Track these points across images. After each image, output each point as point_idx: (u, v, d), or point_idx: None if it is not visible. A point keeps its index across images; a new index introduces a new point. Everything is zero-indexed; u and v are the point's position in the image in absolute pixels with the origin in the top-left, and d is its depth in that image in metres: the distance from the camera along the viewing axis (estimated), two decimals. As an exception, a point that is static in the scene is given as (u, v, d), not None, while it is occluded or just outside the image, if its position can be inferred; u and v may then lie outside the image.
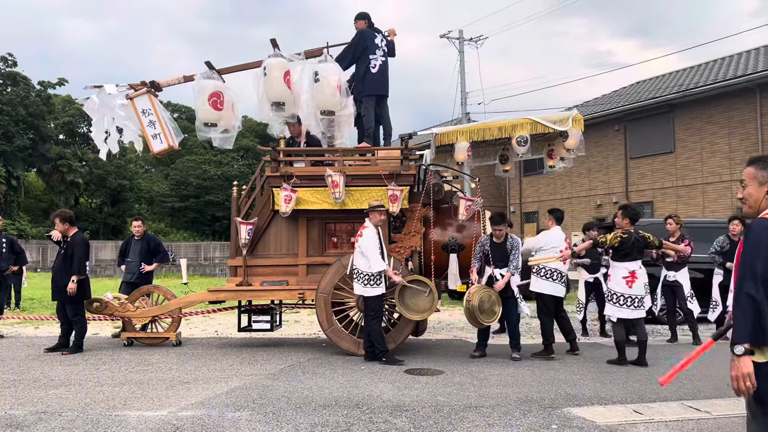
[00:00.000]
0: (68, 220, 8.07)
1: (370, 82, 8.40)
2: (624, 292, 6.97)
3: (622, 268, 7.01)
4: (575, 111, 8.13)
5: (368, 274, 6.99)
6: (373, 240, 7.03)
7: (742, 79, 18.29)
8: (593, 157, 22.77)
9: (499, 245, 7.37)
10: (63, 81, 42.34)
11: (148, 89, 7.07)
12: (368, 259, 6.97)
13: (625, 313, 6.98)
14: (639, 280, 6.97)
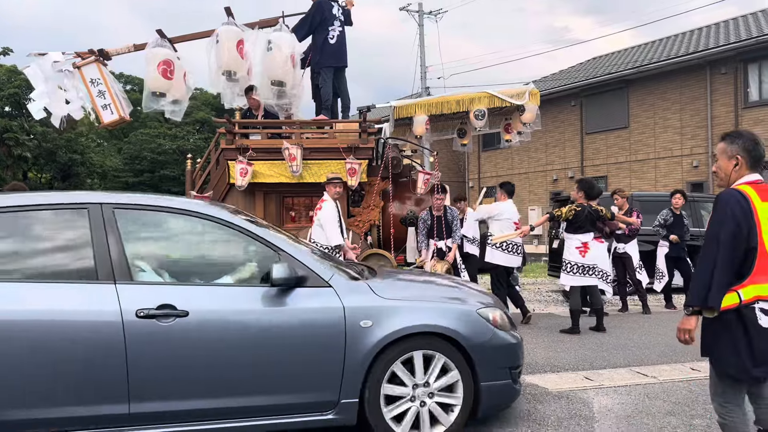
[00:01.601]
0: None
1: (328, 53, 8.29)
2: (577, 261, 7.21)
3: (575, 239, 7.27)
4: (532, 86, 8.21)
5: (326, 248, 6.96)
6: (332, 213, 6.96)
7: (694, 56, 18.72)
8: (550, 133, 23.08)
9: (440, 218, 7.47)
10: (7, 50, 40.47)
11: (97, 58, 6.81)
12: (326, 232, 6.91)
13: (577, 281, 7.25)
14: (591, 250, 7.21)
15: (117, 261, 3.28)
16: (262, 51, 7.23)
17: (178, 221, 3.64)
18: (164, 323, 3.19)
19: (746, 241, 2.74)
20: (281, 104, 7.54)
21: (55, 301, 3.15)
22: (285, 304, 3.40)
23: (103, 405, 3.13)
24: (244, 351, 3.30)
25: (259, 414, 3.33)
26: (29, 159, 40.92)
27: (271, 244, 3.54)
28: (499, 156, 26.22)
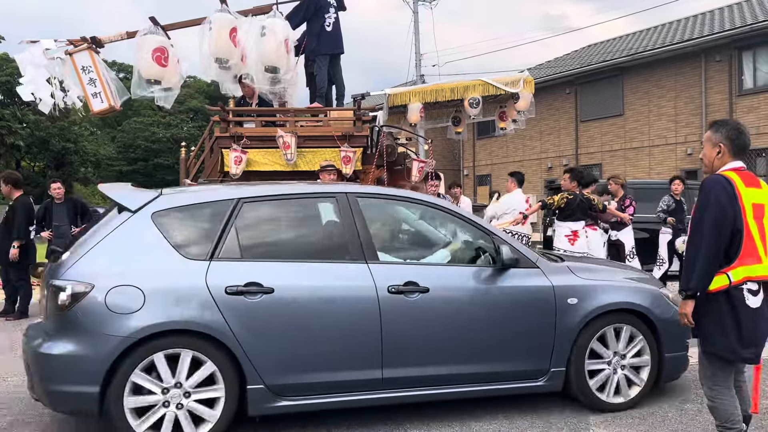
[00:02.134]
0: (11, 182, 7.76)
1: (324, 40, 8.24)
2: (566, 248, 7.21)
3: (565, 227, 7.31)
4: (526, 73, 8.20)
5: None
6: None
7: (688, 43, 18.70)
8: (545, 120, 23.07)
9: None
10: (-1, 38, 40.17)
11: (89, 45, 6.75)
12: None
13: None
14: (581, 239, 7.25)
15: (365, 243, 3.72)
16: (256, 37, 7.17)
17: (409, 209, 4.24)
18: (410, 298, 3.63)
19: (732, 224, 2.83)
20: (275, 91, 7.49)
21: (322, 278, 3.58)
22: (506, 282, 3.87)
23: (362, 370, 3.58)
24: (474, 324, 3.76)
25: (484, 381, 3.82)
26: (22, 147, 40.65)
27: (487, 230, 4.07)
28: (493, 144, 26.20)
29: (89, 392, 3.17)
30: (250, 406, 3.43)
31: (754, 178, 2.99)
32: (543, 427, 3.73)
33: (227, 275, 3.42)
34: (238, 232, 3.56)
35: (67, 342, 3.22)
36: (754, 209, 2.88)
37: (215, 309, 3.33)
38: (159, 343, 3.26)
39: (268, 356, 3.41)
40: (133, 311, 3.23)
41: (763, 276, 2.87)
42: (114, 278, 3.28)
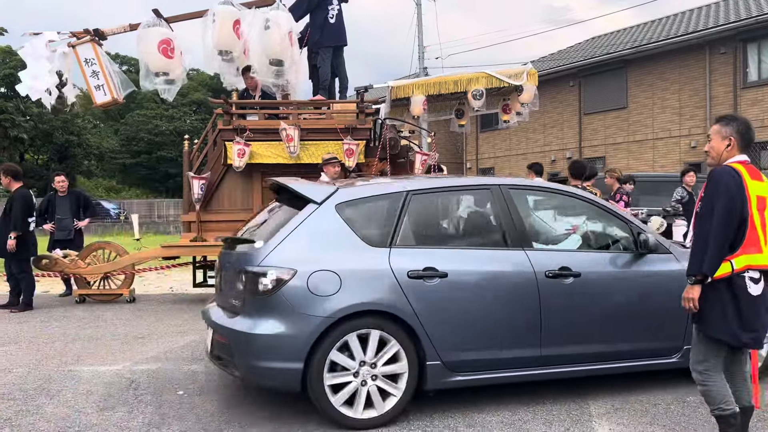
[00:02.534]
0: (10, 174, 7.77)
1: (328, 32, 8.23)
2: None
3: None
4: (530, 65, 8.18)
5: None
6: None
7: (693, 35, 18.60)
8: (548, 113, 23.00)
9: None
10: (2, 31, 40.17)
11: (92, 38, 6.77)
12: None
13: None
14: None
15: (521, 231, 4.04)
16: (260, 30, 7.16)
17: (555, 199, 4.58)
18: (565, 282, 3.92)
19: (740, 213, 2.95)
20: (279, 84, 7.49)
21: (487, 264, 3.89)
22: (646, 267, 4.16)
23: (524, 348, 3.86)
24: (619, 306, 4.05)
25: (627, 358, 4.10)
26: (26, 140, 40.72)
27: (625, 219, 4.35)
28: (497, 137, 26.14)
29: (294, 368, 3.49)
30: (429, 381, 3.73)
31: (757, 171, 3.10)
32: (545, 418, 3.74)
33: (406, 261, 3.74)
34: (410, 222, 3.91)
35: (272, 323, 3.53)
36: (758, 201, 3.00)
37: (400, 292, 3.65)
38: (353, 324, 3.57)
39: (444, 335, 3.72)
40: (331, 294, 3.54)
41: (764, 265, 2.99)
42: (313, 264, 3.60)
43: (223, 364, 3.87)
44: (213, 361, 4.08)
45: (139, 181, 45.94)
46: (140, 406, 3.98)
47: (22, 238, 7.62)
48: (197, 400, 4.11)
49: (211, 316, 4.00)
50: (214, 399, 4.12)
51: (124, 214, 33.23)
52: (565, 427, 3.60)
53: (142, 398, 4.15)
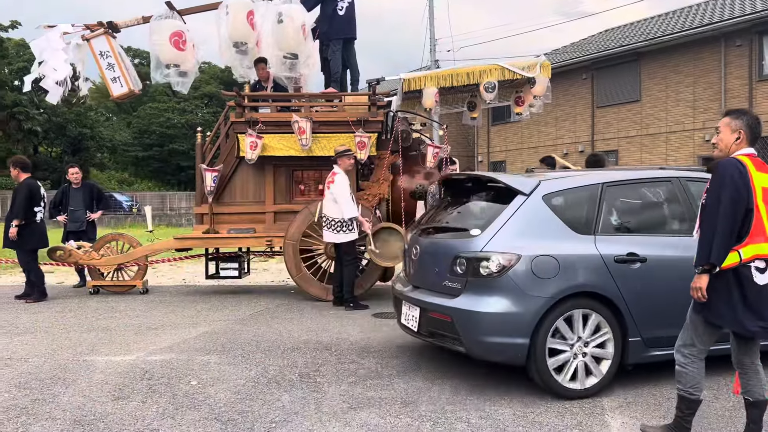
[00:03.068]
0: (18, 165, 7.84)
1: (337, 24, 8.22)
2: None
3: None
4: (543, 58, 8.11)
5: (340, 221, 6.94)
6: (346, 186, 6.95)
7: (708, 28, 18.39)
8: (560, 106, 22.85)
9: None
10: (16, 24, 40.35)
11: (106, 30, 6.79)
12: (340, 205, 6.90)
13: None
14: None
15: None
16: (273, 23, 7.16)
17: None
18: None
19: (746, 204, 3.03)
20: (293, 76, 7.49)
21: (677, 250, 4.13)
22: None
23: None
24: None
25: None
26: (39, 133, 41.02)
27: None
28: (508, 130, 26.02)
29: (520, 343, 3.89)
30: (630, 355, 4.11)
31: (763, 164, 3.18)
32: (558, 411, 3.74)
33: (611, 247, 4.11)
34: (607, 211, 4.25)
35: (499, 302, 3.93)
36: (764, 192, 3.07)
37: (608, 275, 4.04)
38: (570, 304, 3.96)
39: (643, 313, 4.09)
40: (552, 277, 3.93)
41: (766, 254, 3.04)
42: (533, 249, 3.98)
43: (440, 339, 4.29)
44: (421, 337, 4.53)
45: (152, 174, 46.19)
46: (154, 396, 4.02)
47: (27, 229, 7.65)
48: (210, 390, 4.14)
49: (418, 297, 4.41)
50: (227, 389, 4.15)
51: (136, 206, 33.44)
52: (577, 420, 3.60)
53: (156, 388, 4.18)
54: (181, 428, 3.48)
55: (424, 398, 3.96)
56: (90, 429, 3.48)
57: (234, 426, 3.52)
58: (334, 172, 7.00)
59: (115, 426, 3.52)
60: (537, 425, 3.52)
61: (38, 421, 3.60)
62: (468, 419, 3.61)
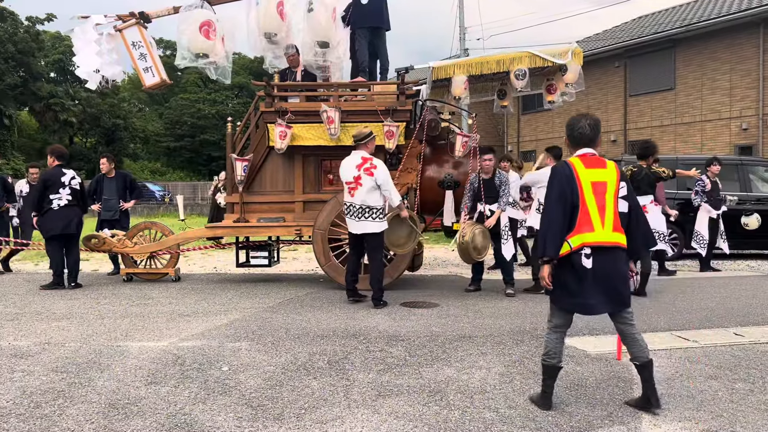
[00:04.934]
0: (54, 154, 8.09)
1: (361, 14, 8.19)
2: None
3: None
4: (575, 44, 7.97)
5: (380, 209, 6.59)
6: (388, 171, 6.66)
7: (747, 13, 17.86)
8: (592, 95, 22.48)
9: (488, 181, 7.24)
10: (51, 17, 41.20)
11: (138, 20, 6.88)
12: (389, 191, 6.55)
13: None
14: (650, 214, 7.08)
15: None
16: (303, 12, 7.17)
17: None
18: None
19: (570, 201, 3.46)
20: (325, 64, 7.47)
21: None
22: None
23: None
24: None
25: None
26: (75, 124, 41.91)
27: None
28: (539, 119, 25.70)
29: None
30: None
31: (599, 161, 3.56)
32: (588, 402, 3.70)
33: None
34: None
35: None
36: (594, 186, 3.46)
37: None
38: None
39: None
40: None
41: (593, 242, 3.43)
42: None
43: None
44: None
45: (183, 164, 46.85)
46: (186, 381, 4.09)
47: (45, 216, 7.87)
48: (241, 376, 4.19)
49: None
50: (257, 375, 4.20)
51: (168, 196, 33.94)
52: (608, 411, 3.56)
53: (188, 373, 4.25)
54: (212, 413, 3.54)
55: (452, 387, 3.96)
56: (124, 412, 3.55)
57: (264, 411, 3.56)
58: (368, 158, 6.62)
59: (148, 410, 3.59)
60: (567, 415, 3.49)
61: (74, 404, 3.69)
62: (496, 408, 3.60)
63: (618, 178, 3.54)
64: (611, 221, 3.48)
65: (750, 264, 10.44)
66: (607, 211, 3.48)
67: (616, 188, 3.53)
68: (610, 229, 3.47)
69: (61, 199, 7.85)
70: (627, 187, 3.65)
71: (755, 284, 8.19)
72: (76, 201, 7.98)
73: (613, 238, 3.47)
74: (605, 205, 3.47)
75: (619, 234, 3.50)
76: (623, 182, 3.61)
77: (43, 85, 40.54)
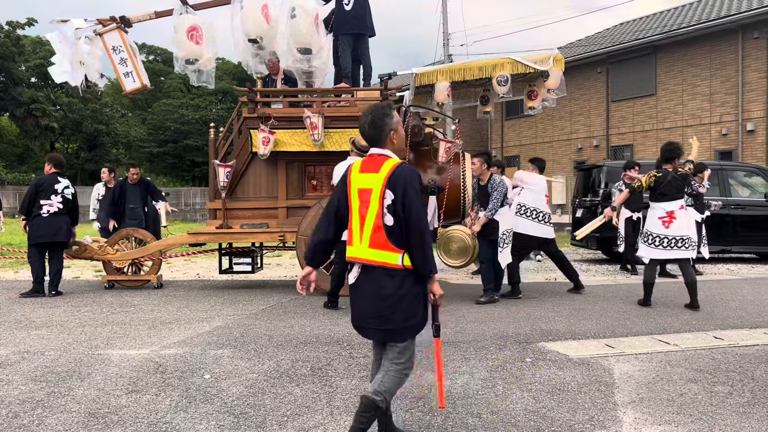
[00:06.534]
0: (52, 162, 8.19)
1: (344, 20, 8.22)
2: (660, 233, 6.63)
3: (659, 208, 6.69)
4: (556, 51, 8.05)
5: None
6: None
7: (726, 20, 18.15)
8: (575, 100, 22.70)
9: (483, 187, 7.25)
10: (32, 21, 40.80)
11: (118, 25, 6.83)
12: None
13: (658, 254, 6.70)
14: (678, 220, 6.62)
15: None
16: (286, 19, 7.15)
17: None
18: None
19: (335, 207, 3.07)
20: (308, 70, 7.47)
21: None
22: None
23: None
24: None
25: None
26: (56, 129, 41.47)
27: None
28: (522, 124, 25.88)
29: None
30: None
31: (375, 163, 2.99)
32: (569, 406, 3.72)
33: None
34: None
35: None
36: (360, 194, 2.98)
37: None
38: None
39: None
40: None
41: (353, 257, 3.01)
42: None
43: None
44: None
45: (166, 170, 46.54)
46: (168, 389, 4.05)
47: (33, 222, 7.82)
48: (224, 384, 4.16)
49: None
50: (239, 383, 4.17)
51: (151, 202, 33.61)
52: (589, 416, 3.58)
53: (170, 381, 4.22)
54: (194, 421, 3.51)
55: (435, 392, 3.95)
56: (104, 421, 3.51)
57: (246, 419, 3.54)
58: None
59: (128, 418, 3.55)
60: (548, 420, 3.51)
61: (54, 413, 3.64)
62: (479, 413, 3.61)
63: (384, 184, 2.91)
64: (368, 236, 2.93)
65: (729, 267, 10.58)
66: (366, 224, 2.94)
67: (380, 197, 2.91)
68: (366, 245, 2.94)
69: (52, 206, 7.79)
70: (401, 194, 2.90)
71: (734, 288, 8.29)
72: (67, 210, 7.92)
73: (370, 256, 2.93)
74: (366, 217, 2.94)
75: (380, 251, 2.91)
76: (390, 190, 2.91)
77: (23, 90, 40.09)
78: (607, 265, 11.01)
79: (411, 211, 2.90)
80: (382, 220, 2.90)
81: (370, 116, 3.05)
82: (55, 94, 42.04)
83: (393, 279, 2.92)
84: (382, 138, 3.03)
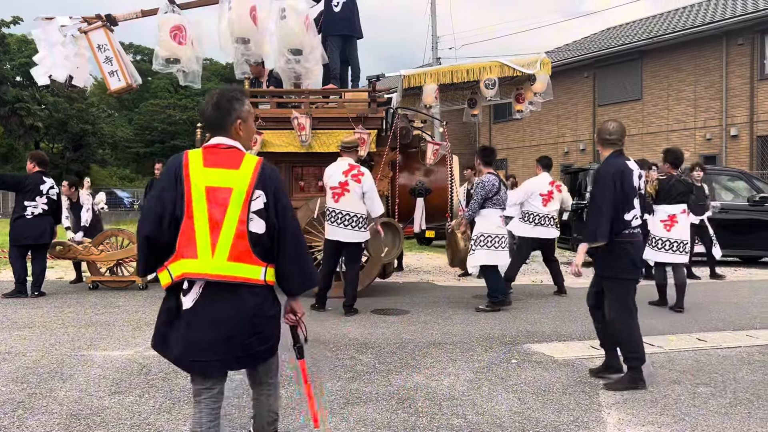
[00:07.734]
0: (35, 159, 8.08)
1: (333, 22, 8.21)
2: (662, 236, 6.75)
3: (661, 211, 6.81)
4: (543, 55, 8.09)
5: (362, 217, 6.55)
6: (373, 180, 6.68)
7: (711, 26, 18.34)
8: (562, 104, 22.82)
9: (470, 191, 7.29)
10: (17, 19, 40.37)
11: (104, 23, 6.77)
12: (372, 200, 6.55)
13: (661, 257, 6.80)
14: (680, 224, 6.73)
15: None
16: (276, 20, 7.12)
17: None
18: None
19: (163, 210, 2.47)
20: (299, 72, 7.44)
21: None
22: None
23: None
24: None
25: None
26: (41, 129, 41.02)
27: None
28: (510, 128, 25.98)
29: None
30: None
31: (228, 157, 2.53)
32: (554, 407, 3.73)
33: None
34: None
35: None
36: (209, 193, 2.44)
37: None
38: None
39: None
40: None
41: (194, 273, 2.43)
42: None
43: None
44: None
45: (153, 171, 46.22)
46: (151, 391, 4.02)
47: (16, 223, 7.72)
48: (207, 385, 4.13)
49: None
50: (224, 384, 4.14)
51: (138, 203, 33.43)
52: (574, 417, 3.59)
53: (153, 383, 4.18)
54: (177, 422, 3.48)
55: (420, 394, 3.96)
56: (86, 423, 3.47)
57: (230, 421, 3.52)
58: (355, 165, 6.63)
59: (111, 420, 3.52)
60: (533, 421, 3.52)
61: (35, 415, 3.60)
62: (465, 415, 3.61)
63: (252, 183, 2.47)
64: (227, 246, 2.42)
65: (714, 271, 10.66)
66: (224, 231, 2.43)
67: (246, 198, 2.45)
68: (223, 258, 2.42)
69: (36, 208, 7.68)
70: (274, 196, 2.52)
71: (717, 290, 8.37)
72: (51, 211, 7.83)
73: (228, 271, 2.42)
74: (222, 222, 2.43)
75: (241, 265, 2.44)
76: (261, 190, 2.49)
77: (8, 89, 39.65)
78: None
79: (287, 216, 2.53)
80: (247, 226, 2.44)
81: (216, 97, 2.60)
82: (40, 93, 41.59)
83: (255, 297, 2.49)
84: (226, 125, 2.56)
